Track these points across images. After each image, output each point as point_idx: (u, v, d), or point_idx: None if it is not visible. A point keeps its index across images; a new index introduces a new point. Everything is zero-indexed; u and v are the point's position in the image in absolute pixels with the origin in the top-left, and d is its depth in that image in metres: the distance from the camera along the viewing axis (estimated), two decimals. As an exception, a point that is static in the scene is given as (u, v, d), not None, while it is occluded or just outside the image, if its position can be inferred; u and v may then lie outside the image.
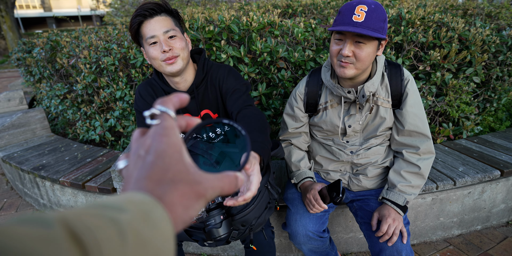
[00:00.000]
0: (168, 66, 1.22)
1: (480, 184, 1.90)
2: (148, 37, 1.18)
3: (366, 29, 1.13)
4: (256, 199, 1.26)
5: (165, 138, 0.35)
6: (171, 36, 1.20)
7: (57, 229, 0.21)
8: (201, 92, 1.35)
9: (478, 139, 2.35)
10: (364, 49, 1.18)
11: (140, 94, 1.37)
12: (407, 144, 1.38)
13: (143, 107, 1.36)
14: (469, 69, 2.23)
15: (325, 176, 1.58)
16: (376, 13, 1.14)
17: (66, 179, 2.14)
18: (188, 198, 0.32)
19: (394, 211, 1.32)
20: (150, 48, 1.20)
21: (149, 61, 1.26)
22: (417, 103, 1.34)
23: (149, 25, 1.18)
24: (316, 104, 1.47)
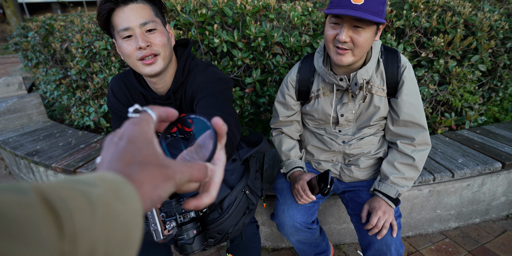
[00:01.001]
0: (146, 67, 1.01)
1: (480, 176, 1.83)
2: (121, 29, 0.96)
3: (366, 13, 1.04)
4: (231, 206, 1.16)
5: (138, 126, 0.38)
6: (150, 30, 0.99)
7: (32, 196, 0.23)
8: (178, 98, 1.18)
9: (481, 129, 2.26)
10: (362, 34, 1.10)
11: (112, 91, 1.21)
12: (402, 135, 1.32)
13: (115, 105, 1.21)
14: (475, 56, 2.12)
15: (316, 166, 1.52)
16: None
17: (58, 165, 2.12)
18: (156, 178, 0.34)
19: (385, 203, 1.27)
20: (123, 42, 0.98)
21: (123, 58, 1.05)
22: (413, 92, 1.27)
23: (122, 14, 0.96)
24: (308, 91, 1.41)
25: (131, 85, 1.19)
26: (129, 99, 1.20)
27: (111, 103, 1.22)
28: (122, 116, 1.21)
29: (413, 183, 1.35)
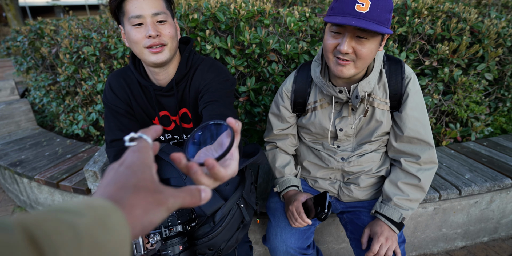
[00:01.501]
0: (153, 55, 1.03)
1: (488, 193, 1.71)
2: (133, 15, 0.98)
3: (371, 22, 0.92)
4: (225, 219, 1.07)
5: (137, 153, 0.40)
6: (161, 21, 1.02)
7: (16, 234, 0.23)
8: (181, 90, 1.18)
9: (488, 142, 2.15)
10: (366, 45, 0.98)
11: (110, 86, 1.19)
12: (406, 152, 1.20)
13: (112, 101, 1.19)
14: (481, 64, 2.02)
15: (313, 184, 1.41)
16: (383, 2, 0.93)
17: (41, 177, 2.00)
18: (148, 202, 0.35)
19: (388, 228, 1.15)
20: (132, 29, 1.00)
21: (128, 44, 1.07)
22: (419, 106, 1.16)
23: (136, 2, 0.98)
24: (305, 103, 1.29)
25: (130, 80, 1.18)
26: (128, 94, 1.19)
27: (107, 99, 1.19)
28: (117, 111, 1.18)
29: (418, 205, 1.23)
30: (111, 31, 2.21)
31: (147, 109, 1.23)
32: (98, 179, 1.75)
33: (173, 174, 1.19)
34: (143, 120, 1.24)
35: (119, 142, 1.16)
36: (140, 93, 1.20)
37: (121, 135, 1.16)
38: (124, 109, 1.19)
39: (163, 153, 1.24)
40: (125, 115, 1.19)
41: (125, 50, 2.04)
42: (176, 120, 1.25)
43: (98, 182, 1.76)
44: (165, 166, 1.23)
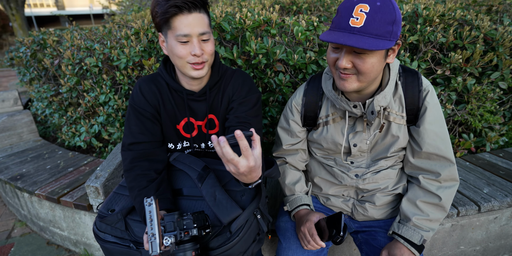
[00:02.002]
0: (194, 71, 1.10)
1: (509, 208, 1.63)
2: (181, 34, 1.03)
3: (366, 37, 0.86)
4: (242, 230, 1.04)
5: None
6: (205, 39, 1.08)
7: None
8: (212, 96, 1.23)
9: (504, 152, 2.06)
10: (366, 60, 0.92)
11: (140, 89, 1.21)
12: (425, 169, 1.13)
13: (140, 104, 1.20)
14: (495, 73, 1.95)
15: (325, 201, 1.33)
16: (381, 14, 0.86)
17: (42, 192, 1.95)
18: None
19: (407, 251, 1.07)
20: (178, 45, 1.06)
21: (169, 54, 1.12)
22: (438, 120, 1.09)
23: (186, 20, 1.02)
24: (316, 117, 1.23)
25: (161, 85, 1.22)
26: (158, 99, 1.22)
27: (134, 102, 1.21)
28: (143, 114, 1.20)
29: (438, 225, 1.15)
30: (114, 41, 2.17)
31: (174, 115, 1.24)
32: (99, 195, 1.68)
33: (186, 184, 1.15)
34: (167, 125, 1.25)
35: (138, 146, 1.17)
36: (170, 98, 1.22)
37: (142, 138, 1.18)
38: (150, 113, 1.21)
39: (177, 162, 1.20)
40: (151, 118, 1.21)
41: (127, 61, 2.00)
42: (202, 125, 1.27)
43: (100, 198, 1.70)
44: (179, 176, 1.19)
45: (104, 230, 1.11)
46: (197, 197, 1.13)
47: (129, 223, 1.11)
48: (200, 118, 1.26)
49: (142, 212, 1.08)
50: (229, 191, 1.11)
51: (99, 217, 1.14)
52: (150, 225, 0.83)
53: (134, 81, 2.15)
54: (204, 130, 1.28)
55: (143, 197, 1.09)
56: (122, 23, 2.55)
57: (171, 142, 1.28)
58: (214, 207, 1.03)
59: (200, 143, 1.31)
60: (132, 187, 1.12)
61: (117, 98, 2.14)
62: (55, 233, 2.12)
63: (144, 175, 1.12)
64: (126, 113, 1.23)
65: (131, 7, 9.38)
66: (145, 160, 1.16)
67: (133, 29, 2.05)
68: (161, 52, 1.98)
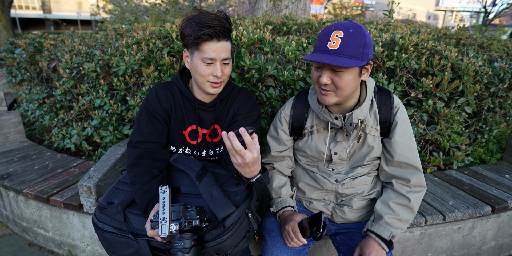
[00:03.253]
0: (212, 88, 1.26)
1: (470, 219, 1.80)
2: (208, 57, 1.19)
3: (342, 57, 1.05)
4: (234, 226, 1.15)
5: None
6: (226, 63, 1.24)
7: None
8: (220, 108, 1.38)
9: (469, 170, 2.28)
10: (343, 77, 1.10)
11: (157, 94, 1.32)
12: (397, 176, 1.29)
13: (154, 107, 1.31)
14: (461, 98, 2.18)
15: (308, 205, 1.46)
16: (354, 38, 1.05)
17: (31, 191, 1.97)
18: None
19: (378, 245, 1.20)
20: (203, 65, 1.21)
21: (192, 71, 1.26)
22: (407, 133, 1.26)
23: (214, 46, 1.18)
24: (302, 127, 1.38)
25: (175, 93, 1.34)
26: (171, 105, 1.33)
27: (149, 104, 1.31)
28: (155, 117, 1.31)
29: (407, 226, 1.30)
30: (113, 49, 2.28)
31: (182, 121, 1.36)
32: (92, 195, 1.74)
33: (184, 183, 1.25)
34: (174, 130, 1.36)
35: (145, 144, 1.28)
36: (181, 105, 1.35)
37: (150, 138, 1.28)
38: (162, 117, 1.32)
39: (177, 162, 1.30)
40: (161, 121, 1.32)
41: (126, 68, 2.10)
42: (207, 133, 1.40)
43: (92, 197, 1.75)
44: (177, 175, 1.29)
45: (103, 221, 1.19)
46: (194, 195, 1.23)
47: (128, 216, 1.20)
48: (207, 126, 1.39)
49: (143, 205, 1.17)
50: (224, 191, 1.21)
51: (99, 208, 1.22)
52: (162, 209, 0.93)
53: (130, 87, 2.25)
54: (208, 139, 1.41)
55: (145, 191, 1.18)
56: (122, 32, 2.66)
57: (174, 146, 1.39)
58: (211, 204, 1.14)
59: (202, 150, 1.43)
60: (134, 181, 1.21)
61: (112, 103, 2.22)
62: (39, 234, 2.12)
63: (147, 171, 1.22)
64: (137, 113, 1.34)
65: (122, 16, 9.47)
66: (150, 158, 1.25)
67: (134, 39, 2.17)
68: (160, 61, 2.11)
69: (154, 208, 1.10)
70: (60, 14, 33.50)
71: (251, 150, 0.94)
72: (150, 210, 1.13)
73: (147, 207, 1.15)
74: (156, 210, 1.08)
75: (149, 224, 1.05)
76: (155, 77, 2.06)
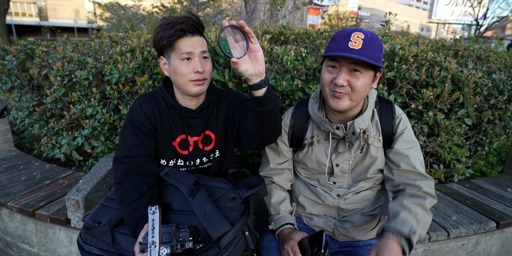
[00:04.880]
0: (196, 87, 1.20)
1: (474, 235, 1.74)
2: (185, 52, 1.15)
3: (363, 57, 1.02)
4: (230, 246, 1.08)
5: None
6: (205, 57, 1.20)
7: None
8: (209, 112, 1.32)
9: (470, 184, 2.23)
10: (360, 79, 1.06)
11: (140, 105, 1.26)
12: (407, 183, 1.18)
13: (139, 119, 1.24)
14: (461, 110, 2.15)
15: (308, 221, 1.39)
16: (373, 42, 1.05)
17: (15, 204, 1.87)
18: None
19: (396, 244, 0.97)
20: (182, 63, 1.16)
21: (171, 75, 1.22)
22: (411, 142, 1.21)
23: (189, 41, 1.16)
24: (302, 138, 1.32)
25: (159, 103, 1.28)
26: (157, 116, 1.28)
27: (133, 117, 1.25)
28: (141, 129, 1.24)
29: (425, 233, 1.10)
30: (107, 57, 2.22)
31: (170, 132, 1.30)
32: (79, 209, 1.65)
33: (176, 199, 1.18)
34: (162, 141, 1.30)
35: (132, 159, 1.21)
36: (167, 115, 1.29)
37: (136, 152, 1.21)
38: (148, 128, 1.26)
39: (168, 177, 1.22)
40: (147, 134, 1.25)
41: (120, 76, 2.04)
42: (198, 141, 1.33)
43: (79, 212, 1.66)
44: (169, 191, 1.22)
45: (89, 242, 1.10)
46: (187, 212, 1.15)
47: (116, 236, 1.11)
48: (197, 133, 1.32)
49: (131, 225, 1.09)
50: (219, 207, 1.14)
51: (85, 228, 1.14)
52: (151, 232, 0.86)
53: (123, 96, 2.18)
54: (200, 146, 1.33)
55: (133, 210, 1.10)
56: (116, 39, 2.61)
57: (164, 158, 1.32)
58: (204, 222, 1.06)
59: (196, 159, 1.35)
60: (122, 200, 1.13)
61: (104, 112, 2.15)
62: (23, 250, 2.00)
63: (135, 188, 1.14)
64: (122, 127, 1.27)
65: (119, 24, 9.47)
66: (137, 174, 1.18)
67: (129, 46, 2.11)
68: (154, 70, 2.05)
69: (144, 229, 1.02)
70: (57, 22, 33.53)
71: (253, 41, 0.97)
72: (139, 231, 1.05)
73: (136, 227, 1.07)
74: (146, 231, 1.00)
75: (138, 247, 0.97)
76: (149, 85, 2.00)
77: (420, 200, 1.11)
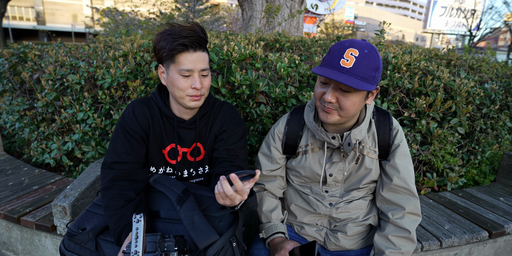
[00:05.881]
0: (192, 102, 1.18)
1: (467, 245, 1.73)
2: (185, 69, 1.12)
3: (353, 78, 0.98)
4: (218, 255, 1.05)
5: None
6: (204, 75, 1.18)
7: None
8: (201, 125, 1.30)
9: (463, 193, 2.22)
10: (349, 98, 1.03)
11: (133, 111, 1.24)
12: (393, 202, 1.21)
13: (131, 125, 1.22)
14: (454, 119, 2.16)
15: (299, 230, 1.37)
16: (368, 60, 0.99)
17: (0, 210, 1.82)
18: None
19: None
20: (180, 78, 1.14)
21: (170, 87, 1.18)
22: (406, 156, 1.20)
23: (190, 57, 1.12)
24: (296, 146, 1.30)
25: (153, 110, 1.26)
26: (149, 122, 1.25)
27: (125, 122, 1.22)
28: (132, 135, 1.22)
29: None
30: (100, 61, 2.21)
31: (161, 139, 1.27)
32: (66, 216, 1.61)
33: (164, 207, 1.15)
34: (152, 148, 1.27)
35: (121, 165, 1.18)
36: (160, 123, 1.27)
37: (126, 158, 1.19)
38: (139, 135, 1.23)
39: (157, 183, 1.20)
40: (139, 140, 1.23)
41: (112, 81, 2.02)
42: (188, 152, 1.31)
43: (66, 218, 1.62)
44: (157, 198, 1.19)
45: (72, 250, 1.07)
46: (174, 220, 1.13)
47: (100, 244, 1.08)
48: (187, 145, 1.30)
49: (116, 232, 1.06)
50: (208, 216, 1.12)
51: (68, 235, 1.10)
52: (135, 242, 0.83)
53: (115, 101, 2.16)
54: (190, 158, 1.31)
55: (119, 217, 1.08)
56: (110, 44, 2.60)
57: (154, 166, 1.29)
58: (192, 231, 1.04)
59: (183, 170, 1.33)
60: (108, 206, 1.10)
61: (96, 117, 2.12)
62: (7, 257, 1.95)
63: (122, 194, 1.12)
64: (113, 132, 1.24)
65: (117, 29, 9.50)
66: (126, 180, 1.15)
67: (121, 51, 2.10)
68: (147, 75, 2.04)
69: (128, 237, 0.99)
70: (55, 26, 33.57)
71: (242, 194, 0.90)
72: (124, 239, 1.02)
73: (121, 235, 1.04)
74: (130, 239, 0.97)
75: (122, 255, 0.94)
76: (141, 91, 1.98)
77: (404, 233, 1.17)
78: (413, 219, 1.19)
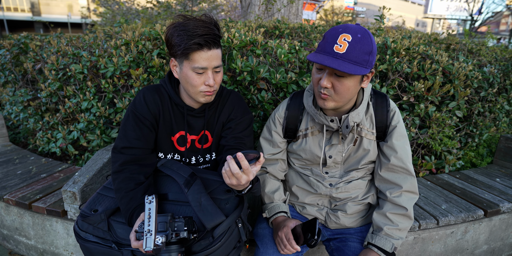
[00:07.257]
0: (204, 97, 1.22)
1: (463, 223, 1.79)
2: (199, 67, 1.14)
3: (347, 62, 1.01)
4: (224, 236, 1.10)
5: None
6: (217, 71, 1.20)
7: None
8: (210, 113, 1.34)
9: (460, 174, 2.28)
10: (344, 83, 1.06)
11: (144, 97, 1.27)
12: (391, 181, 1.26)
13: (142, 111, 1.25)
14: (452, 102, 2.19)
15: (301, 210, 1.42)
16: (361, 44, 1.01)
17: (12, 197, 1.88)
18: None
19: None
20: (194, 75, 1.16)
21: (183, 81, 1.21)
22: (403, 137, 1.24)
23: (205, 55, 1.13)
24: (296, 129, 1.35)
25: (163, 97, 1.29)
26: (160, 109, 1.28)
27: (136, 109, 1.25)
28: (143, 122, 1.25)
29: (406, 234, 1.26)
30: (102, 51, 2.22)
31: (170, 126, 1.31)
32: (76, 201, 1.67)
33: (172, 189, 1.20)
34: (162, 135, 1.31)
35: (131, 150, 1.22)
36: (170, 110, 1.30)
37: (136, 144, 1.23)
38: (150, 121, 1.26)
39: (165, 168, 1.24)
40: (149, 126, 1.26)
41: (115, 70, 2.05)
42: (196, 139, 1.35)
43: (76, 204, 1.68)
44: (165, 181, 1.24)
45: (85, 230, 1.13)
46: (182, 202, 1.18)
47: (112, 224, 1.14)
48: (196, 132, 1.34)
49: (127, 213, 1.11)
50: (214, 199, 1.16)
51: (81, 216, 1.16)
52: (148, 221, 0.88)
53: (119, 89, 2.19)
54: (198, 145, 1.36)
55: (129, 199, 1.13)
56: (111, 33, 2.61)
57: (162, 152, 1.34)
58: (199, 212, 1.08)
59: (191, 157, 1.38)
60: (119, 188, 1.15)
61: (100, 106, 2.16)
62: (20, 242, 2.02)
63: (132, 178, 1.17)
64: (123, 117, 1.27)
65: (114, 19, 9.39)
66: (135, 164, 1.20)
67: (123, 40, 2.12)
68: (149, 63, 2.06)
69: (139, 218, 1.04)
70: (50, 17, 33.07)
71: (248, 174, 0.93)
72: (135, 220, 1.08)
73: (132, 216, 1.10)
74: (141, 219, 1.02)
75: (134, 234, 0.99)
76: (144, 79, 2.01)
77: (402, 210, 1.23)
78: (410, 197, 1.24)
